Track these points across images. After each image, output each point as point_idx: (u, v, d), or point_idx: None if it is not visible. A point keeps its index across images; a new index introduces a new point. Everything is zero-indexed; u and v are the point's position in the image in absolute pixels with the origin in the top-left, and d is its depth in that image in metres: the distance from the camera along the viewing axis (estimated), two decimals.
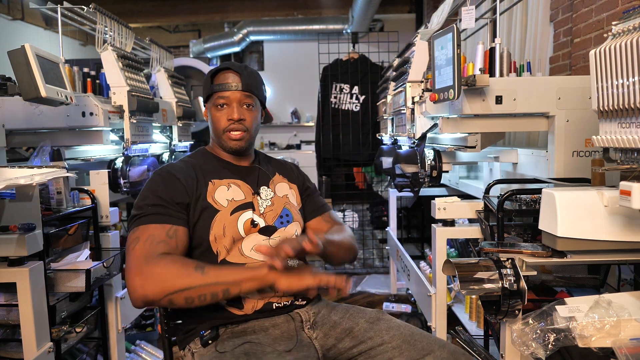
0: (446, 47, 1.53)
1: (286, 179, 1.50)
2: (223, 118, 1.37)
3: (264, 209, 1.37)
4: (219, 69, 1.40)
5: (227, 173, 1.39)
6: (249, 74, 1.38)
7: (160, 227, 1.21)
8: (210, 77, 1.39)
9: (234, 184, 1.37)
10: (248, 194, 1.37)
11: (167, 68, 2.91)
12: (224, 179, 1.37)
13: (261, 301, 1.28)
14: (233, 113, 1.36)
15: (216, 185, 1.35)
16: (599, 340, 1.17)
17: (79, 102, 1.94)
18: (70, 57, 2.73)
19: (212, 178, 1.36)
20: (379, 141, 3.35)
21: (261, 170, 1.45)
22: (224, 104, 1.37)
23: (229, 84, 1.36)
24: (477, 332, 2.33)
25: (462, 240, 2.70)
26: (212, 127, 1.41)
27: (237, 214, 1.32)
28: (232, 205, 1.33)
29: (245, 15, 7.37)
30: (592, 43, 2.44)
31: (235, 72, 1.37)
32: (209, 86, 1.39)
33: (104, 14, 2.12)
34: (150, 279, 1.12)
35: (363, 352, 1.26)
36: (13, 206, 1.57)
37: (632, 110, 0.97)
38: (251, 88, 1.38)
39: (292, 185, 1.50)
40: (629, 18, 1.01)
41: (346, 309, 1.38)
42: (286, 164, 1.57)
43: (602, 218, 1.20)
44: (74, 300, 1.92)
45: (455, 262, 1.29)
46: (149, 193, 1.27)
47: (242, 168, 1.44)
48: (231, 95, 1.36)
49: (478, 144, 1.87)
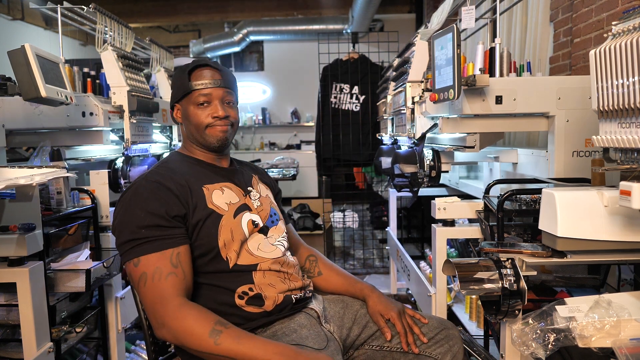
0: (446, 47, 1.53)
1: (261, 180, 1.50)
2: (204, 116, 1.31)
3: (256, 208, 1.37)
4: (195, 65, 1.33)
5: (214, 176, 1.34)
6: (226, 71, 1.36)
7: (161, 255, 1.13)
8: (188, 74, 1.32)
9: (226, 187, 1.34)
10: (240, 195, 1.35)
11: (167, 68, 2.91)
12: (215, 183, 1.32)
13: (281, 295, 1.27)
14: (217, 110, 1.31)
15: (210, 190, 1.29)
16: (599, 340, 1.17)
17: (79, 102, 1.94)
18: (70, 57, 2.73)
19: (203, 183, 1.29)
20: (379, 141, 3.35)
21: (243, 171, 1.46)
22: (205, 102, 1.31)
23: (210, 81, 1.30)
24: (477, 332, 2.33)
25: (462, 240, 2.70)
26: (191, 126, 1.33)
27: (239, 216, 1.30)
28: (232, 208, 1.30)
29: (245, 15, 7.37)
30: (592, 43, 2.44)
31: (214, 69, 1.32)
32: (186, 84, 1.31)
33: (104, 14, 2.12)
34: (167, 332, 1.09)
35: (370, 335, 1.36)
36: (13, 206, 1.57)
37: (632, 110, 0.97)
38: (231, 84, 1.35)
39: (267, 187, 1.50)
40: (629, 18, 1.01)
41: (340, 299, 1.45)
42: (258, 167, 1.58)
43: (602, 218, 1.20)
44: (74, 300, 1.92)
45: (455, 262, 1.29)
46: (138, 211, 1.15)
47: (224, 170, 1.39)
48: (213, 92, 1.31)
49: (477, 144, 1.87)
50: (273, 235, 1.36)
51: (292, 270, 1.35)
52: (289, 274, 1.33)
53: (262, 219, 1.36)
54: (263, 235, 1.34)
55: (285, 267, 1.33)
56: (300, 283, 1.35)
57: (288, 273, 1.33)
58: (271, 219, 1.39)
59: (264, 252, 1.31)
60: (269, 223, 1.37)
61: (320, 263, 1.53)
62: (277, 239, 1.37)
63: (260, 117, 7.75)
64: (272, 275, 1.29)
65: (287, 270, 1.33)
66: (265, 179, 1.54)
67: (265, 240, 1.34)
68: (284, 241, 1.39)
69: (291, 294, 1.30)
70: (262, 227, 1.34)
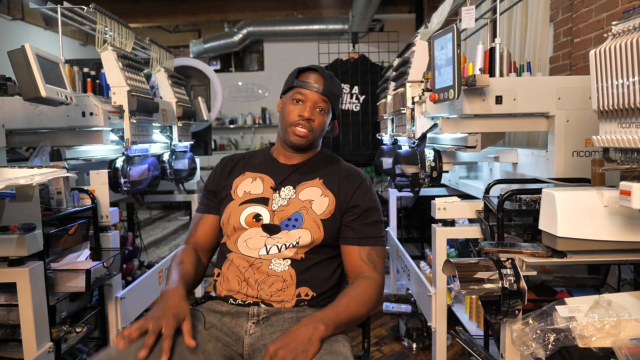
0: (446, 47, 1.53)
1: (325, 186, 1.40)
2: (294, 112, 1.39)
3: (277, 207, 1.36)
4: (307, 68, 1.44)
5: (263, 168, 1.45)
6: (332, 82, 1.42)
7: (196, 215, 1.52)
8: (297, 73, 1.44)
9: (260, 178, 1.43)
10: (267, 190, 1.39)
11: (167, 68, 2.91)
12: (254, 172, 1.45)
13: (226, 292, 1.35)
14: (305, 111, 1.38)
15: (246, 177, 1.44)
16: (599, 340, 1.17)
17: (79, 102, 1.94)
18: (70, 57, 2.73)
19: (247, 170, 1.46)
20: (379, 141, 3.35)
21: (298, 170, 1.43)
22: (300, 100, 1.39)
23: (311, 83, 1.39)
24: (477, 332, 2.33)
25: (462, 240, 2.70)
26: (281, 119, 1.43)
27: (244, 206, 1.37)
28: (245, 197, 1.40)
29: (245, 15, 7.37)
30: (592, 43, 2.44)
31: (320, 75, 1.41)
32: (292, 80, 1.43)
33: (104, 14, 2.12)
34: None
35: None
36: (13, 206, 1.57)
37: (632, 110, 0.97)
38: (329, 94, 1.41)
39: (327, 194, 1.39)
40: (629, 18, 1.01)
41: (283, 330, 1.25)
42: (342, 174, 1.43)
43: (602, 218, 1.20)
44: (74, 300, 1.92)
45: (455, 262, 1.29)
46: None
47: (282, 166, 1.45)
48: (309, 94, 1.39)
49: (478, 144, 1.87)
50: (281, 238, 1.32)
51: (262, 277, 1.29)
52: (255, 279, 1.29)
53: (273, 218, 1.34)
54: (267, 233, 1.33)
55: (254, 271, 1.30)
56: (255, 293, 1.29)
57: (253, 278, 1.29)
58: (287, 222, 1.34)
59: (246, 247, 1.33)
60: (282, 225, 1.34)
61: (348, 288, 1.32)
62: (283, 242, 1.31)
63: (260, 117, 7.76)
64: (234, 270, 1.33)
65: (254, 274, 1.30)
66: (333, 186, 1.40)
67: (262, 237, 1.33)
68: (290, 248, 1.31)
69: (236, 296, 1.30)
70: (267, 224, 1.34)
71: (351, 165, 1.50)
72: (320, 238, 1.33)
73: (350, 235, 1.37)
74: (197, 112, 3.30)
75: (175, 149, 2.90)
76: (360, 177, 1.43)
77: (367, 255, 1.35)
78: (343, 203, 1.38)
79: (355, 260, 1.36)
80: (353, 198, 1.38)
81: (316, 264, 1.34)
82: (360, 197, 1.39)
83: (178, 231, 6.09)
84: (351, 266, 1.36)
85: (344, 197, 1.39)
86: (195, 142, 3.44)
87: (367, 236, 1.37)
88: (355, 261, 1.36)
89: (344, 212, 1.38)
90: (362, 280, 1.31)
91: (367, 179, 1.44)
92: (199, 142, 3.74)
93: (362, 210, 1.38)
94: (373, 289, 1.31)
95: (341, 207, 1.38)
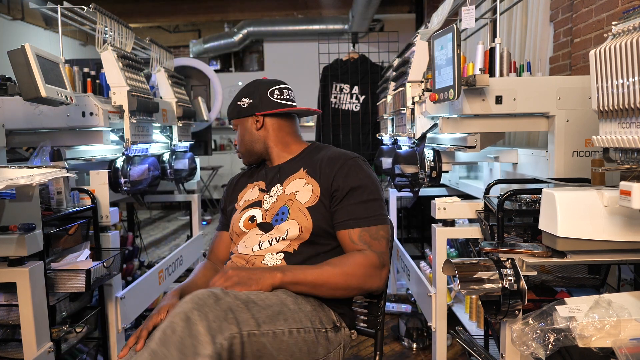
0: (446, 47, 1.53)
1: (308, 174, 1.39)
2: None
3: (269, 206, 1.41)
4: None
5: (258, 176, 1.53)
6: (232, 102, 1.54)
7: (215, 232, 1.59)
8: None
9: (256, 185, 1.49)
10: (260, 193, 1.46)
11: (167, 68, 2.91)
12: (254, 182, 1.52)
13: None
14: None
15: (248, 188, 1.51)
16: (599, 340, 1.17)
17: (79, 102, 1.94)
18: (70, 57, 2.73)
19: (249, 182, 1.53)
20: (379, 141, 3.35)
21: (282, 169, 1.47)
22: None
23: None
24: (477, 332, 2.33)
25: (462, 240, 2.70)
26: None
27: (243, 212, 1.44)
28: (245, 204, 1.46)
29: (245, 15, 7.37)
30: (592, 43, 2.44)
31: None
32: None
33: (104, 14, 2.12)
34: None
35: None
36: (13, 206, 1.56)
37: (632, 110, 0.97)
38: (231, 116, 1.55)
39: (310, 182, 1.36)
40: (629, 18, 1.01)
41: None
42: (324, 159, 1.39)
43: (602, 218, 1.20)
44: (74, 300, 1.92)
45: (455, 262, 1.29)
46: None
47: (271, 168, 1.51)
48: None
49: (478, 144, 1.87)
50: (274, 233, 1.35)
51: None
52: None
53: (265, 216, 1.39)
54: (263, 231, 1.37)
55: (249, 267, 1.33)
56: None
57: None
58: (276, 217, 1.36)
59: (244, 246, 1.38)
60: (273, 221, 1.37)
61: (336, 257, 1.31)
62: (274, 237, 1.34)
63: None
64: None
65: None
66: (315, 173, 1.37)
67: (258, 236, 1.36)
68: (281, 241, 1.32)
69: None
70: (261, 223, 1.39)
71: (341, 150, 1.43)
72: (310, 226, 1.30)
73: (338, 219, 1.31)
74: (197, 112, 3.30)
75: (175, 149, 2.90)
76: (343, 158, 1.36)
77: (358, 238, 1.30)
78: (327, 188, 1.34)
79: (347, 244, 1.31)
80: (335, 180, 1.33)
81: (312, 257, 1.31)
82: (342, 178, 1.32)
83: (178, 231, 6.09)
84: (345, 251, 1.33)
85: (326, 181, 1.34)
86: (195, 142, 3.44)
87: (356, 217, 1.30)
88: (346, 245, 1.31)
89: (331, 197, 1.33)
90: (353, 253, 1.28)
91: (354, 159, 1.37)
92: (199, 142, 3.74)
93: (345, 191, 1.31)
94: (361, 262, 1.25)
95: (326, 192, 1.34)
